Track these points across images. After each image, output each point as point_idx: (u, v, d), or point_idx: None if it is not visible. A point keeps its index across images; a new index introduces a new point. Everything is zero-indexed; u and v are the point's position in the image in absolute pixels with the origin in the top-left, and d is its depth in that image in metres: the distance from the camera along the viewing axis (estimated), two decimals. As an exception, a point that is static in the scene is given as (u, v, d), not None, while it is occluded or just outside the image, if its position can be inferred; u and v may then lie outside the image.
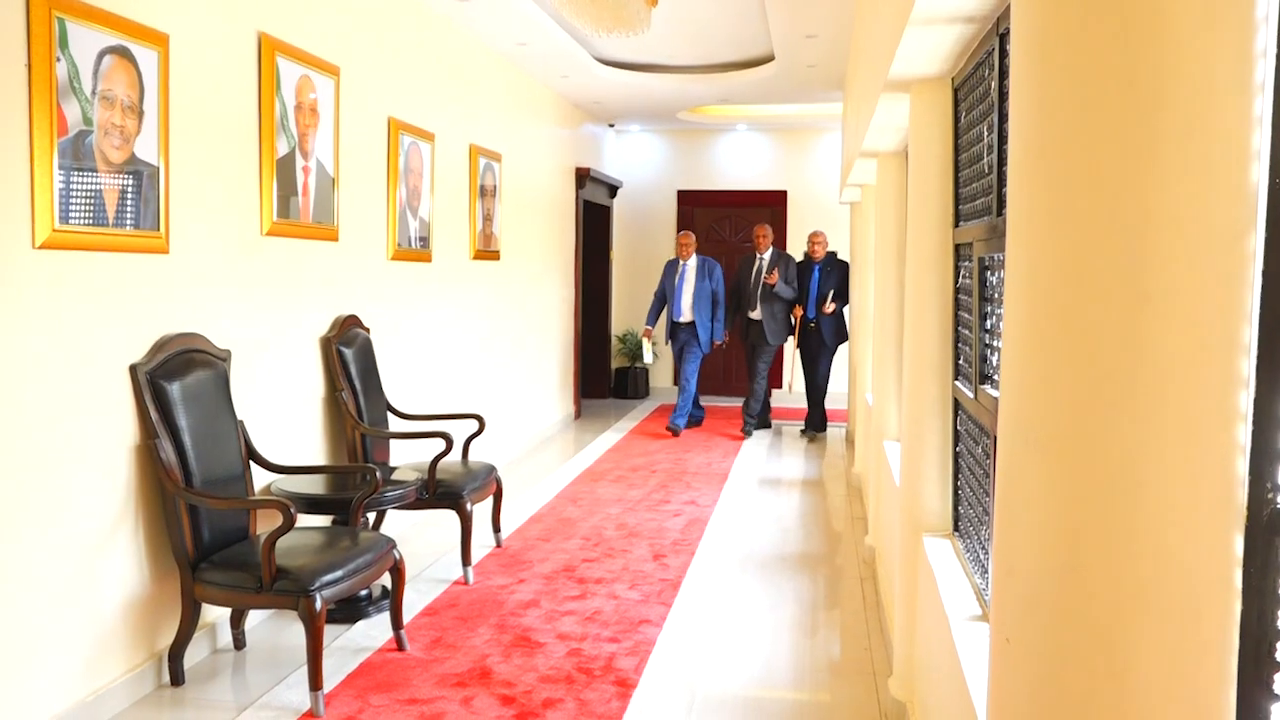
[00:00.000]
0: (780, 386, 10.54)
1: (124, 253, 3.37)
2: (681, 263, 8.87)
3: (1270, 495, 1.24)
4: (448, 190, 6.31)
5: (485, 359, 7.10)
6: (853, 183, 6.62)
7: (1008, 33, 2.34)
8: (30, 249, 2.98)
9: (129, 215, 3.37)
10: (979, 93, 2.71)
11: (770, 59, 7.62)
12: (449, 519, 5.60)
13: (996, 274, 2.52)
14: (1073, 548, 1.32)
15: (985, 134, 2.61)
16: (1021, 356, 1.42)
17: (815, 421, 9.00)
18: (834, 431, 9.30)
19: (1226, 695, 1.21)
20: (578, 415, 9.81)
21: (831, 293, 8.67)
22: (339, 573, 3.47)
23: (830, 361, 8.92)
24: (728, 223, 11.33)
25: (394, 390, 5.34)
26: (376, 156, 5.30)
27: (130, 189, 3.37)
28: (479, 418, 5.20)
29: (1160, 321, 1.21)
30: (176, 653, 3.57)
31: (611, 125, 10.99)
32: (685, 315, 8.79)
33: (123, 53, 3.31)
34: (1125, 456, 1.25)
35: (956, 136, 3.09)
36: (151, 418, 3.45)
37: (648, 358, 9.41)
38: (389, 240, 5.44)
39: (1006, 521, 1.51)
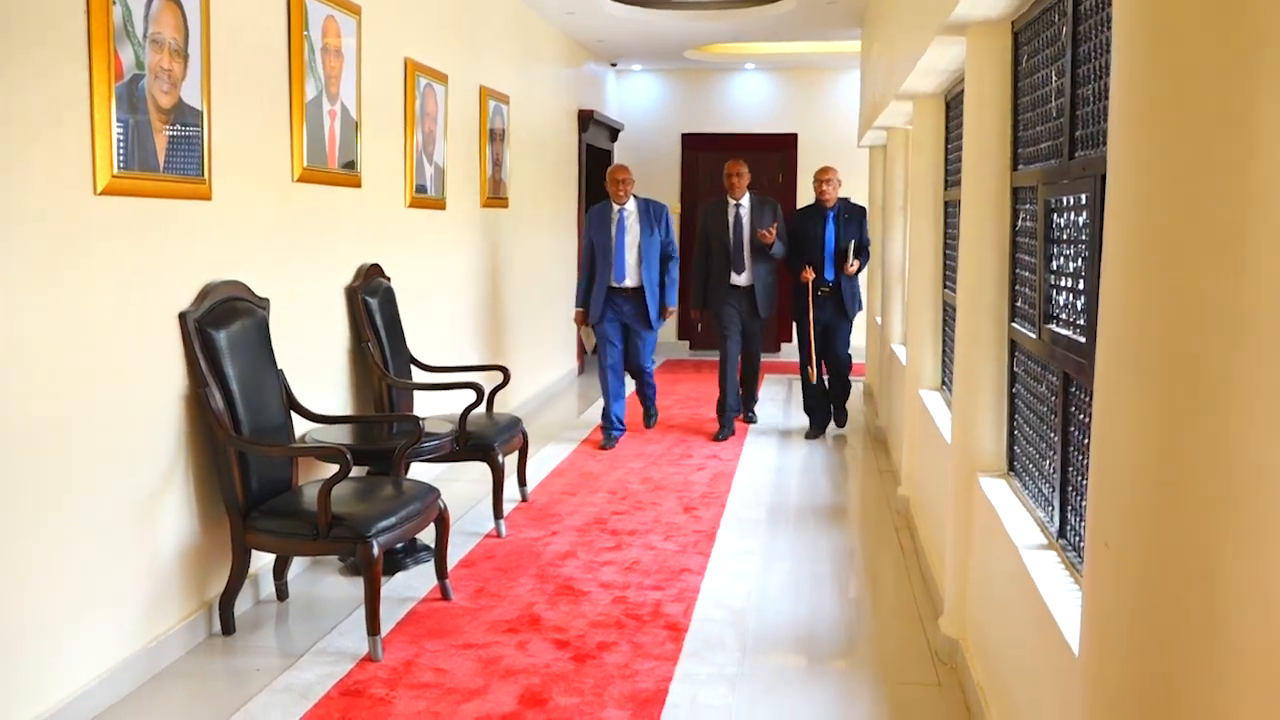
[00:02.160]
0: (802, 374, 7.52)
1: (173, 199, 3.58)
2: (617, 209, 6.88)
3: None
4: (460, 135, 6.51)
5: (496, 309, 7.34)
6: (879, 125, 6.84)
7: (1082, -21, 2.58)
8: (92, 195, 3.19)
9: (177, 161, 3.58)
10: (1046, 37, 2.96)
11: (789, -6, 7.81)
12: (470, 472, 5.87)
13: (1064, 215, 2.78)
14: (1169, 461, 1.58)
15: (1054, 78, 2.86)
16: (1123, 286, 1.68)
17: (834, 411, 7.52)
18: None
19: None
20: (581, 370, 10.07)
21: (853, 246, 7.06)
22: (392, 519, 3.73)
23: (850, 334, 7.36)
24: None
25: (414, 340, 5.58)
26: (394, 100, 5.50)
27: (178, 134, 3.58)
28: (503, 369, 5.45)
29: (1258, 256, 1.46)
30: (227, 601, 3.83)
31: (614, 65, 11.15)
32: (630, 279, 6.87)
33: (169, -5, 3.50)
34: (1219, 377, 1.51)
35: (1016, 80, 3.34)
36: (201, 366, 3.68)
37: (587, 347, 7.66)
38: (407, 187, 5.66)
39: (1102, 439, 1.78)
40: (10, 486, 2.91)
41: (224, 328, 3.78)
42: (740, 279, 7.22)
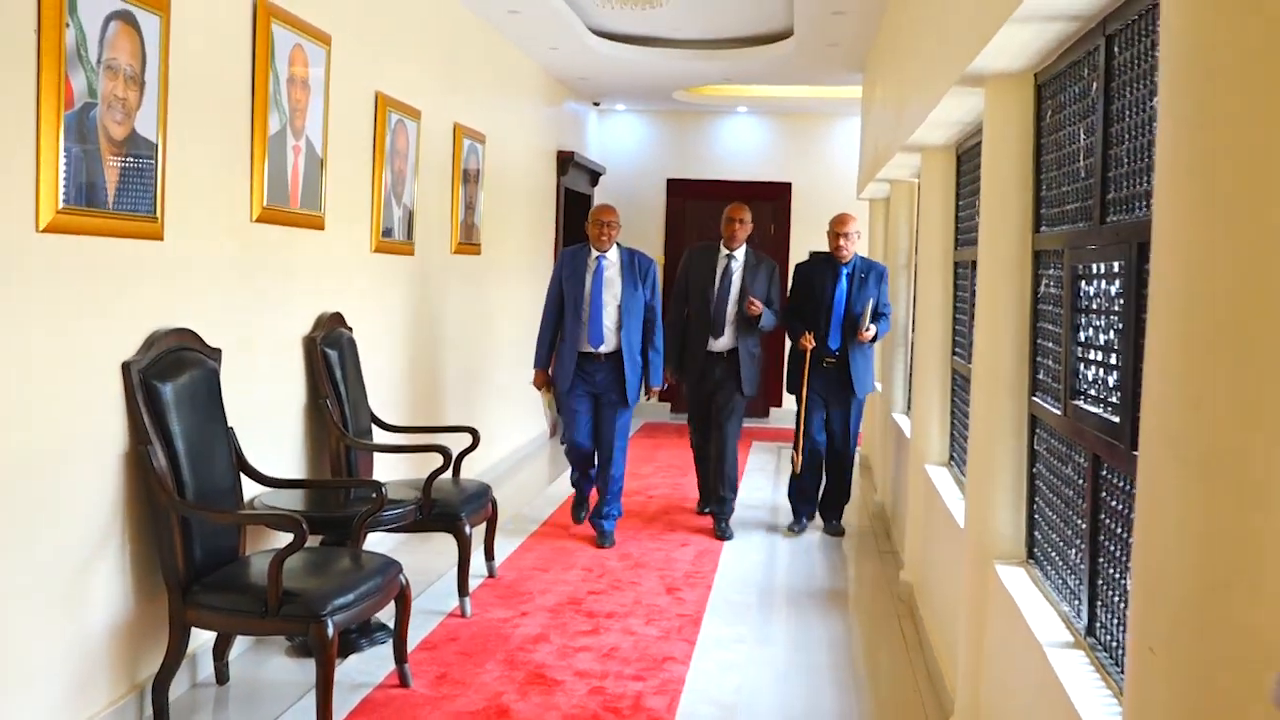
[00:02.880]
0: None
1: (121, 238, 3.55)
2: (596, 255, 6.14)
3: None
4: (432, 175, 6.52)
5: (466, 365, 7.30)
6: (882, 178, 6.92)
7: (1115, 33, 2.62)
8: (34, 231, 3.16)
9: (128, 197, 3.56)
10: (1073, 91, 2.99)
11: (788, 35, 7.93)
12: (433, 543, 5.79)
13: (1094, 283, 2.79)
14: (1223, 559, 1.57)
15: (1082, 136, 2.89)
16: (1173, 369, 1.67)
17: (830, 507, 6.83)
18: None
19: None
20: (553, 432, 10.01)
21: (869, 309, 6.34)
22: (350, 596, 3.67)
23: (859, 417, 6.73)
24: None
25: (376, 397, 5.53)
26: (364, 136, 5.51)
27: (129, 168, 3.56)
28: (473, 431, 5.41)
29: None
30: (162, 684, 3.71)
31: (596, 104, 11.25)
32: (607, 343, 6.10)
33: (127, 18, 3.50)
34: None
35: (1039, 136, 3.38)
36: (144, 421, 3.63)
37: (547, 421, 7.01)
38: (373, 230, 5.65)
39: (1148, 535, 1.77)
40: (-73, 553, 2.84)
41: (171, 380, 3.73)
42: (717, 344, 6.52)
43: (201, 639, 4.05)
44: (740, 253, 6.60)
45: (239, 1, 4.23)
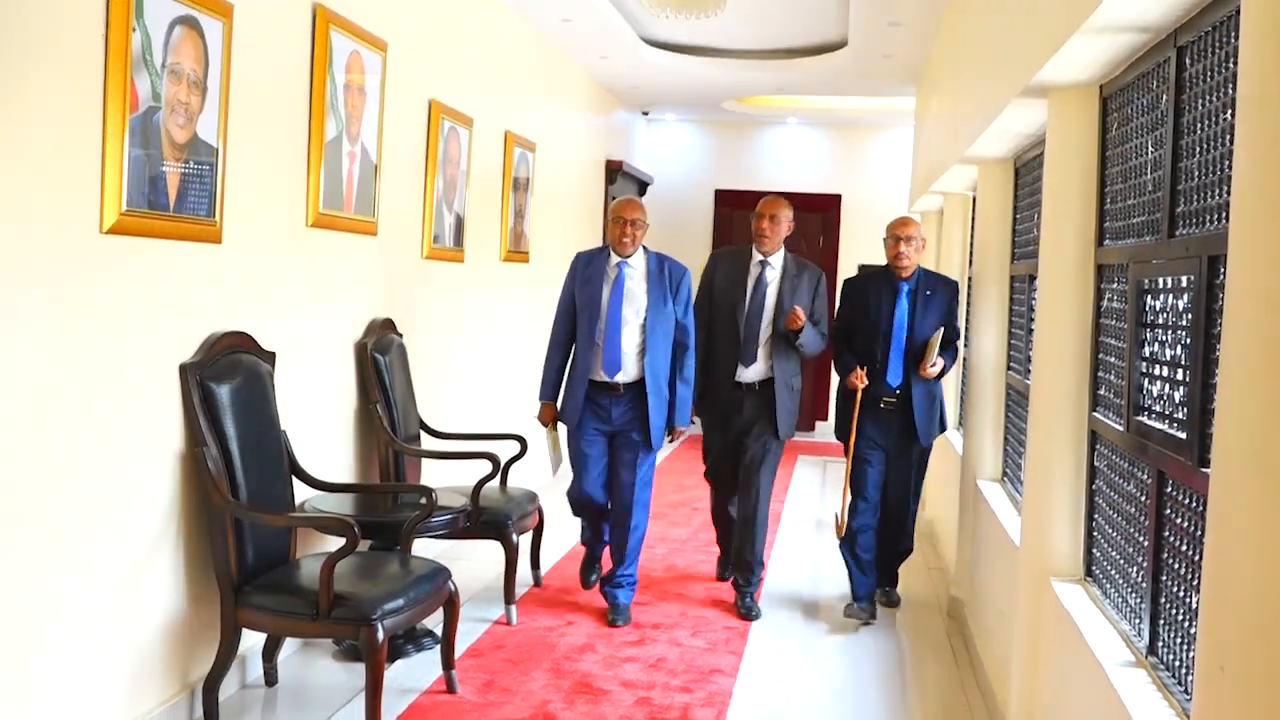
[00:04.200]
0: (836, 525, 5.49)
1: (182, 241, 3.61)
2: (616, 261, 5.07)
3: None
4: (482, 182, 6.57)
5: (513, 372, 7.34)
6: (936, 190, 6.88)
7: (1187, 45, 2.60)
8: (98, 233, 3.22)
9: (189, 200, 3.62)
10: (1141, 104, 2.97)
11: (841, 45, 7.92)
12: (474, 550, 5.82)
13: (1161, 298, 2.77)
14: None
15: (1150, 149, 2.87)
16: (1248, 382, 1.66)
17: (887, 568, 5.54)
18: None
19: None
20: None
21: (938, 337, 5.10)
22: (400, 601, 3.69)
23: (922, 472, 5.46)
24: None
25: (425, 403, 5.57)
26: (417, 143, 5.56)
27: (191, 172, 3.62)
28: (521, 439, 5.43)
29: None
30: (212, 685, 3.76)
31: (645, 113, 11.29)
32: (626, 370, 5.00)
33: (191, 23, 3.56)
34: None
35: (1103, 148, 3.35)
36: (200, 423, 3.68)
37: (550, 466, 5.51)
38: (425, 236, 5.70)
39: (1221, 549, 1.76)
40: (-10, 548, 2.90)
41: (227, 382, 3.78)
42: (748, 373, 5.28)
43: (251, 640, 4.10)
44: (777, 259, 5.35)
45: (299, 8, 4.29)
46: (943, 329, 5.11)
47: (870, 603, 5.26)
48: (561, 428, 5.34)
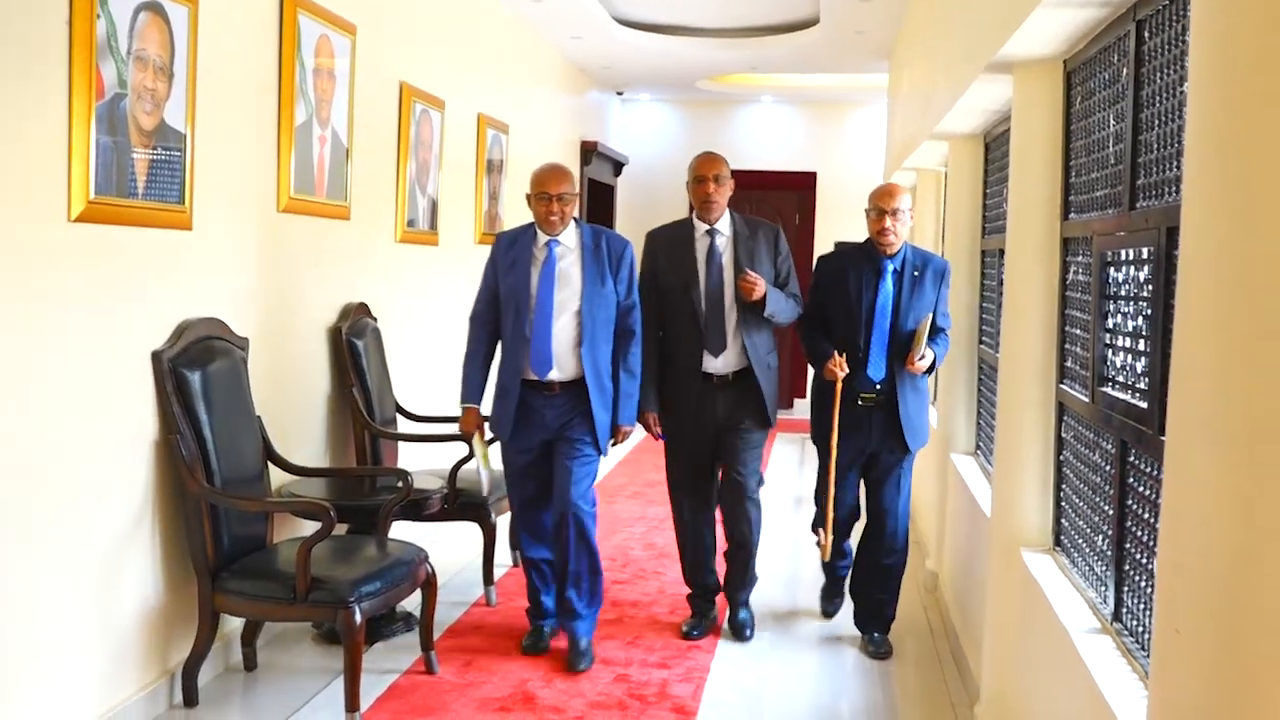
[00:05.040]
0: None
1: (151, 228, 3.61)
2: (544, 240, 4.32)
3: None
4: (455, 165, 6.57)
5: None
6: (908, 166, 6.92)
7: (1146, 19, 2.63)
8: (66, 221, 3.21)
9: (158, 187, 3.61)
10: (1103, 78, 3.01)
11: (814, 23, 7.94)
12: (451, 533, 5.84)
13: (1123, 270, 2.81)
14: (1249, 538, 1.58)
15: (1112, 122, 2.90)
16: (1199, 349, 1.70)
17: (871, 614, 4.66)
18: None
19: None
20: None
21: (927, 325, 4.37)
22: (377, 584, 3.72)
23: (908, 478, 4.62)
24: (747, 208, 11.56)
25: (401, 387, 5.58)
26: (388, 126, 5.56)
27: (159, 158, 3.61)
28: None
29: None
30: (191, 670, 3.79)
31: (620, 93, 11.28)
32: (561, 367, 4.30)
33: (156, 9, 3.55)
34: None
35: (1068, 123, 3.39)
36: (173, 410, 3.69)
37: (483, 482, 4.61)
38: (398, 220, 5.70)
39: (1175, 516, 1.79)
40: (-36, 537, 2.90)
41: (200, 369, 3.78)
42: (717, 363, 4.52)
43: (231, 625, 4.12)
44: (725, 224, 4.59)
45: (265, -9, 4.28)
46: (931, 315, 4.41)
47: (835, 604, 5.00)
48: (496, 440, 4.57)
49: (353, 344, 5.01)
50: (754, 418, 4.56)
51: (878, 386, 4.45)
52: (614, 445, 4.45)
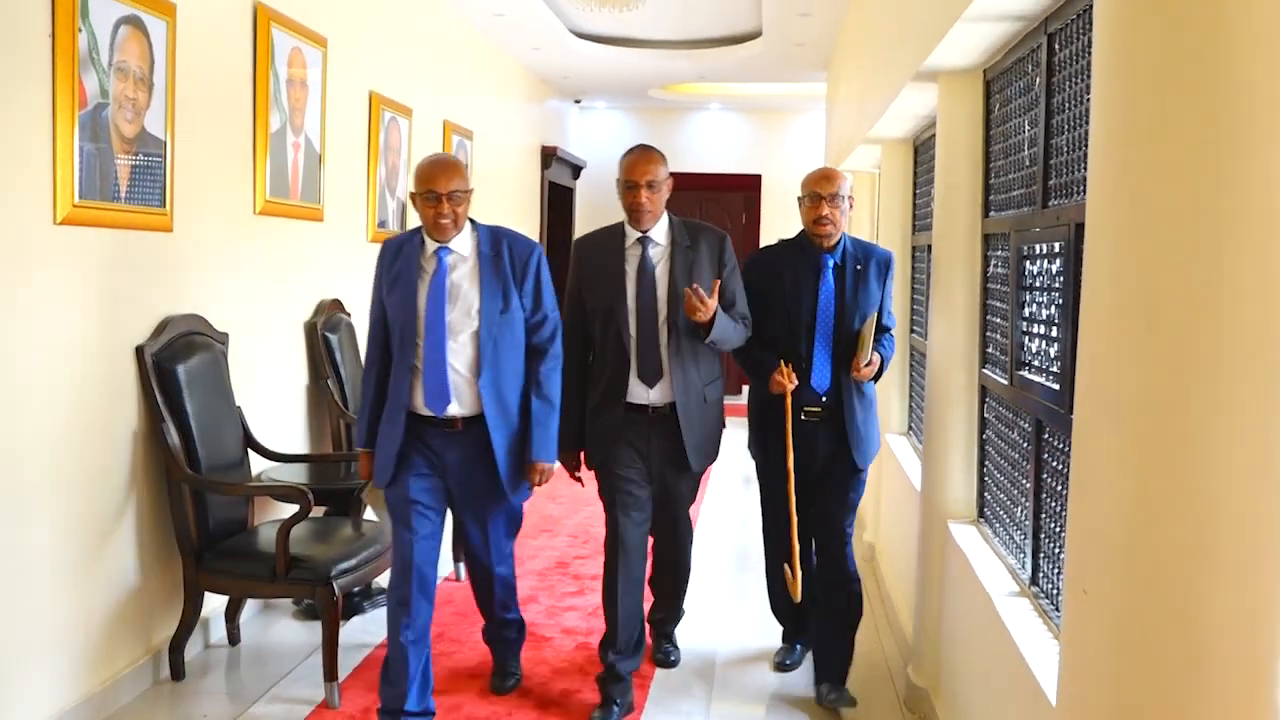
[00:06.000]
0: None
1: (133, 230, 3.58)
2: (433, 249, 3.39)
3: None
4: (423, 169, 6.54)
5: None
6: (845, 168, 6.96)
7: (1056, 32, 2.68)
8: (51, 224, 3.18)
9: (139, 191, 3.58)
10: (1019, 86, 3.05)
11: (756, 35, 7.96)
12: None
13: (1037, 263, 2.86)
14: (1148, 506, 1.63)
15: (1027, 127, 2.95)
16: (1101, 334, 1.74)
17: (830, 660, 3.77)
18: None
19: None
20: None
21: (871, 325, 3.61)
22: (353, 561, 3.72)
23: (858, 496, 3.76)
24: (698, 209, 11.61)
25: (374, 379, 5.55)
26: (359, 133, 5.52)
27: (140, 164, 3.58)
28: (465, 409, 5.43)
29: (1234, 303, 1.53)
30: (177, 645, 3.77)
31: (578, 101, 11.27)
32: (460, 400, 3.39)
33: (136, 23, 3.52)
34: (1199, 426, 1.56)
35: (987, 128, 3.44)
36: (158, 401, 3.66)
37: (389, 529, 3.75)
38: (369, 221, 5.67)
39: (1082, 487, 1.84)
40: (-42, 524, 2.87)
41: (182, 362, 3.76)
42: (653, 393, 3.57)
43: (214, 604, 4.09)
44: (660, 231, 3.65)
45: (240, 6, 4.24)
46: (876, 314, 3.65)
47: (795, 652, 4.11)
48: None
49: (327, 338, 4.99)
50: (682, 454, 3.59)
51: (823, 399, 3.65)
52: (535, 486, 3.50)
